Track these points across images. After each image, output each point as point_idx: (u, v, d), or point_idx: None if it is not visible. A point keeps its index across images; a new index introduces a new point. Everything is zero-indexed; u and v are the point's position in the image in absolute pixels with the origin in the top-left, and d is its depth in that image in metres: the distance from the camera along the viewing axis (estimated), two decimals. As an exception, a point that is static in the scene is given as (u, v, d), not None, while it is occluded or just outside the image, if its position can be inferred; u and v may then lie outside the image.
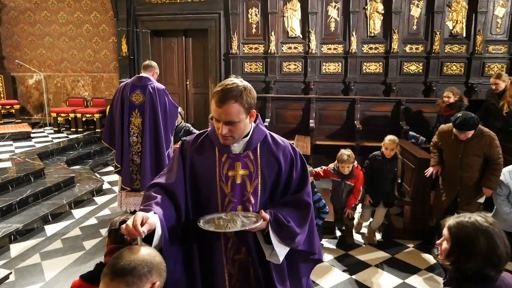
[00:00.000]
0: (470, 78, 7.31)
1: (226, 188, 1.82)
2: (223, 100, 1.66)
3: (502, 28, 7.25)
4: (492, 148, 3.80)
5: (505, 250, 1.59)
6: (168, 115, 4.59)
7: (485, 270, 1.59)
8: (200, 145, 1.87)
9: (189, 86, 8.81)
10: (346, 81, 7.61)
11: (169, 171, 1.85)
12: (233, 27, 7.83)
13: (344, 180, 4.30)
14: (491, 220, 1.64)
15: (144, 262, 1.34)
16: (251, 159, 1.85)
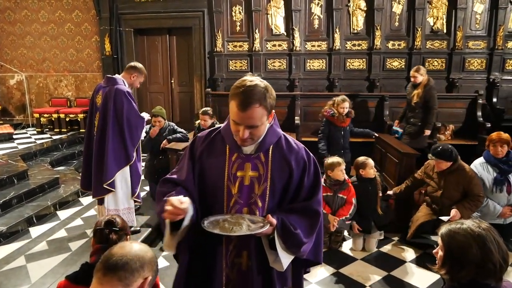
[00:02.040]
0: (451, 74, 7.46)
1: (234, 188, 1.75)
2: (247, 104, 1.58)
3: (481, 24, 7.40)
4: (471, 185, 3.83)
5: (502, 255, 1.54)
6: (125, 124, 3.87)
7: (483, 278, 1.54)
8: (211, 141, 1.82)
9: (174, 85, 8.77)
10: (330, 78, 7.68)
11: (180, 169, 1.82)
12: (217, 25, 7.82)
13: (337, 193, 4.13)
14: (485, 226, 1.59)
15: (136, 257, 1.35)
16: (261, 161, 1.77)
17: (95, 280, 1.34)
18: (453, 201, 3.87)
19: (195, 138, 1.90)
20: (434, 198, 4.02)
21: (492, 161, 4.00)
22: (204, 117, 5.00)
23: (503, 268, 1.54)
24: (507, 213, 4.00)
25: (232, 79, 7.96)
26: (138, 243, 1.46)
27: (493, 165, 4.00)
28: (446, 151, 3.83)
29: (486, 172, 4.02)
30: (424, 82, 5.55)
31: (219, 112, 7.32)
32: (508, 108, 7.04)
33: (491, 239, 1.54)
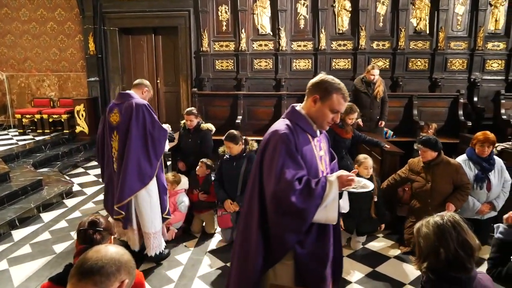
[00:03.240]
0: (434, 73, 7.60)
1: (321, 166, 2.17)
2: (348, 95, 2.10)
3: (462, 25, 7.56)
4: (459, 174, 3.93)
5: (462, 247, 1.61)
6: (149, 139, 3.65)
7: (455, 271, 1.61)
8: (297, 134, 2.07)
9: (160, 85, 8.71)
10: (316, 78, 7.72)
11: (298, 164, 2.00)
12: (203, 25, 7.80)
13: None
14: (449, 218, 1.67)
15: (112, 261, 1.32)
16: (323, 140, 2.25)
17: (70, 286, 1.30)
18: (445, 195, 3.95)
19: (283, 136, 2.01)
20: (423, 193, 4.06)
21: (475, 159, 4.08)
22: (190, 117, 4.97)
23: (466, 260, 1.60)
24: (485, 210, 4.10)
25: (218, 79, 7.96)
26: (114, 246, 1.43)
27: (475, 163, 4.08)
28: (431, 139, 3.94)
29: (469, 169, 4.11)
30: (379, 78, 5.92)
31: (206, 112, 7.31)
32: (488, 107, 7.20)
33: (449, 230, 1.62)
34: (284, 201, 1.93)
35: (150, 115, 3.67)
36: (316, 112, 2.09)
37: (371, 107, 5.89)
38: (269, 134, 2.08)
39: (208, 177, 4.63)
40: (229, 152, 4.28)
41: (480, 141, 4.01)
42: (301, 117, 2.12)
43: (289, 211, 1.95)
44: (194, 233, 4.65)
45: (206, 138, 5.02)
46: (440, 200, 3.93)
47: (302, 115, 2.13)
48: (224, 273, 3.79)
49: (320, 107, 2.07)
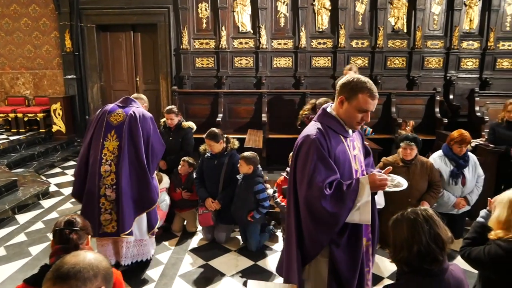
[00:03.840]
0: (411, 72, 7.75)
1: (355, 165, 2.21)
2: (376, 94, 2.08)
3: (438, 24, 7.73)
4: (433, 172, 4.05)
5: (434, 240, 1.65)
6: (150, 151, 3.60)
7: (428, 264, 1.65)
8: (328, 136, 2.11)
9: (139, 83, 8.59)
10: (296, 76, 7.77)
11: (330, 168, 2.04)
12: (183, 22, 7.72)
13: None
14: (421, 212, 1.71)
15: (89, 266, 1.30)
16: (356, 138, 2.30)
17: None
18: (422, 193, 4.03)
19: (315, 141, 2.06)
20: (402, 192, 4.14)
21: (450, 156, 4.18)
22: (170, 116, 4.92)
23: (438, 253, 1.65)
24: (460, 204, 4.21)
25: (198, 77, 7.91)
26: (92, 252, 1.41)
27: (451, 159, 4.19)
28: (417, 137, 4.03)
29: (444, 165, 4.21)
30: None
31: (186, 110, 7.26)
32: (463, 104, 7.38)
33: (422, 224, 1.67)
34: (315, 206, 2.00)
35: (154, 128, 3.69)
36: (344, 113, 2.12)
37: None
38: (302, 138, 2.14)
39: (191, 175, 4.61)
40: (210, 150, 4.26)
41: (458, 142, 4.11)
42: (332, 119, 2.16)
43: (320, 215, 2.01)
44: (175, 232, 4.61)
45: (187, 137, 4.99)
46: (418, 198, 4.02)
47: (333, 116, 2.17)
48: (205, 271, 3.78)
49: (348, 108, 2.10)
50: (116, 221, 3.46)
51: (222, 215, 4.25)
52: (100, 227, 3.45)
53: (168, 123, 4.96)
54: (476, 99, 6.89)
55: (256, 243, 4.14)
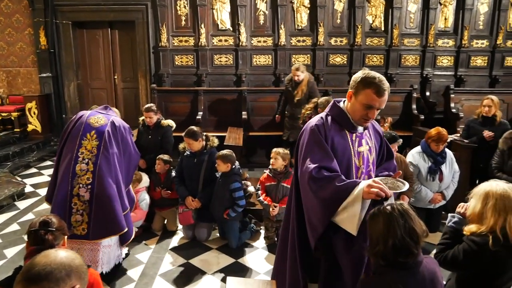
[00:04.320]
0: (389, 69, 7.88)
1: (358, 162, 2.17)
2: (383, 91, 2.02)
3: (414, 22, 7.88)
4: (407, 167, 4.18)
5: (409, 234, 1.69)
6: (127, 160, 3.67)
7: (403, 257, 1.69)
8: (329, 126, 2.13)
9: (118, 81, 8.45)
10: (276, 73, 7.79)
11: (325, 152, 2.05)
12: (162, 19, 7.63)
13: (280, 182, 4.15)
14: (397, 207, 1.75)
15: (61, 266, 1.26)
16: (369, 136, 2.24)
17: None
18: None
19: (314, 127, 2.12)
20: None
21: (429, 152, 4.29)
22: (149, 114, 4.87)
23: (412, 246, 1.69)
24: (437, 199, 4.33)
25: (178, 75, 7.84)
26: (64, 250, 1.36)
27: (429, 156, 4.29)
28: (396, 136, 4.16)
29: (423, 161, 4.31)
30: (306, 79, 5.92)
31: (166, 108, 7.18)
32: (439, 101, 7.56)
33: (397, 218, 1.71)
34: (304, 182, 2.05)
35: (131, 138, 3.79)
36: (351, 107, 2.13)
37: (293, 106, 6.00)
38: (304, 127, 2.22)
39: (170, 174, 4.57)
40: (189, 148, 4.24)
41: (435, 140, 4.22)
42: (339, 111, 2.18)
43: (306, 193, 2.05)
44: (155, 231, 4.57)
45: (167, 135, 4.96)
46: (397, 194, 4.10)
47: (340, 109, 2.19)
48: (186, 269, 3.77)
49: (354, 103, 2.11)
50: (87, 223, 3.31)
51: (202, 213, 4.23)
52: (70, 228, 3.25)
53: (147, 121, 4.91)
54: (451, 96, 7.06)
55: (236, 240, 4.14)
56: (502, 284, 2.07)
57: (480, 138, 4.85)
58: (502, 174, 4.04)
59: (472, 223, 2.10)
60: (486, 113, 4.92)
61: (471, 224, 2.11)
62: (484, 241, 1.99)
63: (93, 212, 3.30)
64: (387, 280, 1.71)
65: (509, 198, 1.98)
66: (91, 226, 3.30)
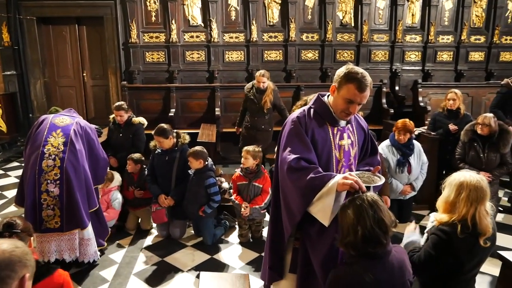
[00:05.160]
0: (359, 64, 8.00)
1: (339, 155, 2.20)
2: (365, 87, 2.04)
3: (383, 18, 8.06)
4: (382, 162, 4.27)
5: (378, 224, 1.73)
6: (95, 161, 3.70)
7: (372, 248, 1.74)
8: (311, 118, 2.17)
9: (87, 78, 8.25)
10: (249, 69, 7.80)
11: (304, 145, 2.09)
12: (131, 15, 7.48)
13: (252, 181, 4.11)
14: (366, 198, 1.79)
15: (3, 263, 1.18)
16: (351, 130, 2.26)
17: None
18: None
19: (295, 119, 2.15)
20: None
21: (397, 145, 4.40)
22: (119, 112, 4.78)
23: (381, 236, 1.74)
24: (407, 191, 4.46)
25: (149, 72, 7.73)
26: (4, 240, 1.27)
27: (397, 148, 4.40)
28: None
29: (391, 154, 4.42)
30: (270, 87, 5.54)
31: (137, 106, 7.07)
32: (408, 95, 7.77)
33: (367, 209, 1.75)
34: (281, 176, 2.12)
35: (98, 140, 3.79)
36: (334, 101, 2.16)
37: (255, 116, 5.58)
38: (287, 119, 2.26)
39: (143, 173, 4.50)
40: (160, 146, 4.20)
41: (398, 129, 4.34)
42: (322, 105, 2.22)
43: (284, 182, 2.11)
44: (128, 231, 4.51)
45: (138, 132, 4.88)
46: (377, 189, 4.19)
47: (323, 102, 2.22)
48: (161, 268, 3.74)
49: (336, 97, 2.14)
50: (59, 217, 3.37)
51: (176, 210, 4.20)
52: (42, 223, 3.35)
53: (118, 119, 4.81)
54: (419, 90, 7.27)
55: (211, 237, 4.14)
56: (471, 269, 2.16)
57: (446, 130, 5.03)
58: (464, 165, 4.21)
59: (444, 212, 2.17)
60: (450, 106, 5.09)
61: (443, 213, 2.18)
62: (452, 230, 2.06)
63: (64, 206, 3.36)
64: (357, 269, 1.76)
65: (481, 189, 2.06)
66: (64, 219, 3.37)
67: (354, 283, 1.73)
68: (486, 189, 2.07)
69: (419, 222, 4.64)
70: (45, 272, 1.81)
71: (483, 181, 2.10)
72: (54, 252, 3.44)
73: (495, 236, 2.15)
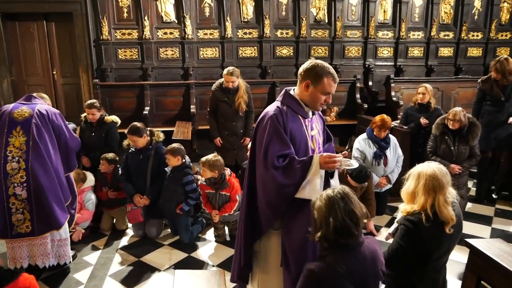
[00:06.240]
0: (334, 60, 8.11)
1: (313, 145, 2.39)
2: (337, 78, 2.30)
3: (356, 15, 8.17)
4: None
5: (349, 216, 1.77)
6: (64, 146, 3.52)
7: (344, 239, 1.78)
8: (287, 115, 2.27)
9: (57, 76, 7.99)
10: (224, 66, 7.71)
11: (283, 141, 2.20)
12: (102, 11, 7.29)
13: (219, 190, 4.05)
14: (338, 191, 1.84)
15: None
16: (316, 120, 2.46)
17: None
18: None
19: (272, 117, 2.23)
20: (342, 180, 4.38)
21: (374, 138, 4.51)
22: (91, 111, 4.67)
23: (352, 227, 1.77)
24: (382, 183, 4.56)
25: (122, 69, 7.56)
26: None
27: (374, 142, 4.51)
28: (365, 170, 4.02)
29: (368, 147, 4.52)
30: (242, 85, 5.01)
31: (110, 104, 6.93)
32: (381, 90, 7.91)
33: (338, 201, 1.79)
34: (268, 176, 2.18)
35: (64, 123, 3.60)
36: (309, 96, 2.29)
37: (234, 120, 5.01)
38: (262, 116, 2.33)
39: (116, 173, 4.42)
40: (134, 145, 4.13)
41: (378, 126, 4.43)
42: (293, 100, 2.33)
43: (271, 186, 2.19)
44: (103, 231, 4.43)
45: (111, 131, 4.79)
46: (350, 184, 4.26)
47: (294, 98, 2.34)
48: (137, 268, 3.69)
49: (313, 91, 2.27)
50: (30, 221, 3.24)
51: (152, 209, 4.15)
52: (13, 228, 3.22)
53: (90, 118, 4.70)
54: (392, 85, 7.43)
55: (188, 235, 4.11)
56: (439, 257, 2.23)
57: (417, 124, 5.16)
58: (436, 158, 4.34)
59: (408, 203, 2.24)
60: (420, 100, 5.23)
61: (407, 204, 2.25)
62: (418, 219, 2.13)
63: (34, 209, 3.24)
64: (330, 261, 1.79)
65: (437, 178, 2.13)
66: (34, 223, 3.26)
67: (328, 275, 1.76)
68: (441, 179, 2.13)
69: (393, 214, 4.76)
70: (9, 277, 1.77)
71: (439, 171, 2.16)
72: (26, 258, 3.32)
73: (460, 223, 2.23)
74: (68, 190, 3.55)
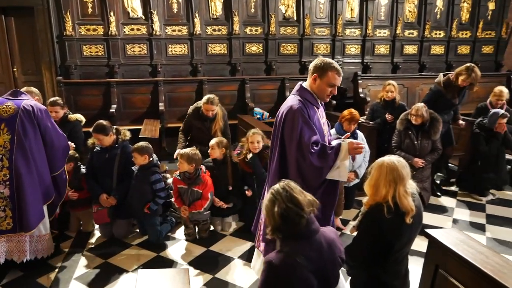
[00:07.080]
0: (303, 57, 8.20)
1: (325, 131, 2.79)
2: (341, 72, 2.65)
3: (324, 13, 8.27)
4: None
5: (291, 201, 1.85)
6: (50, 144, 3.46)
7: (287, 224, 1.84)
8: (307, 107, 2.62)
9: (18, 74, 7.66)
10: (193, 63, 7.68)
11: (312, 130, 2.57)
12: (65, 6, 7.04)
13: (191, 186, 4.00)
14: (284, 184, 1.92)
15: None
16: (323, 110, 2.87)
17: None
18: None
19: (299, 109, 2.57)
20: None
21: (342, 134, 4.55)
22: (54, 108, 4.52)
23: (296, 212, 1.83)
24: (350, 178, 4.64)
25: (88, 66, 7.35)
26: None
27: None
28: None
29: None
30: (220, 113, 4.97)
31: (75, 102, 6.73)
32: (349, 87, 8.06)
33: (280, 192, 1.89)
34: (305, 161, 2.53)
35: (51, 120, 3.56)
36: (317, 88, 2.65)
37: (208, 145, 4.51)
38: (285, 109, 2.65)
39: (77, 172, 4.25)
40: (99, 144, 4.02)
41: (347, 120, 4.50)
42: (308, 93, 2.68)
43: (307, 168, 2.54)
44: (70, 233, 4.29)
45: (75, 130, 4.65)
46: None
47: (308, 91, 2.69)
48: (104, 270, 3.61)
49: (320, 84, 2.64)
50: (11, 218, 3.30)
51: (119, 209, 4.06)
52: None
53: (53, 116, 4.51)
54: (359, 82, 7.57)
55: (156, 234, 4.04)
56: (401, 248, 2.30)
57: (383, 120, 5.29)
58: (401, 152, 4.46)
59: (371, 196, 2.29)
60: (389, 98, 5.35)
61: (370, 196, 2.30)
62: (379, 211, 2.19)
63: (16, 207, 3.30)
64: (287, 252, 1.82)
65: (397, 170, 2.20)
66: (16, 220, 3.31)
67: (287, 265, 1.79)
68: (401, 170, 2.20)
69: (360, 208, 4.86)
70: None
71: (399, 163, 2.23)
72: (3, 253, 3.35)
73: (420, 214, 2.31)
74: (52, 188, 3.55)
